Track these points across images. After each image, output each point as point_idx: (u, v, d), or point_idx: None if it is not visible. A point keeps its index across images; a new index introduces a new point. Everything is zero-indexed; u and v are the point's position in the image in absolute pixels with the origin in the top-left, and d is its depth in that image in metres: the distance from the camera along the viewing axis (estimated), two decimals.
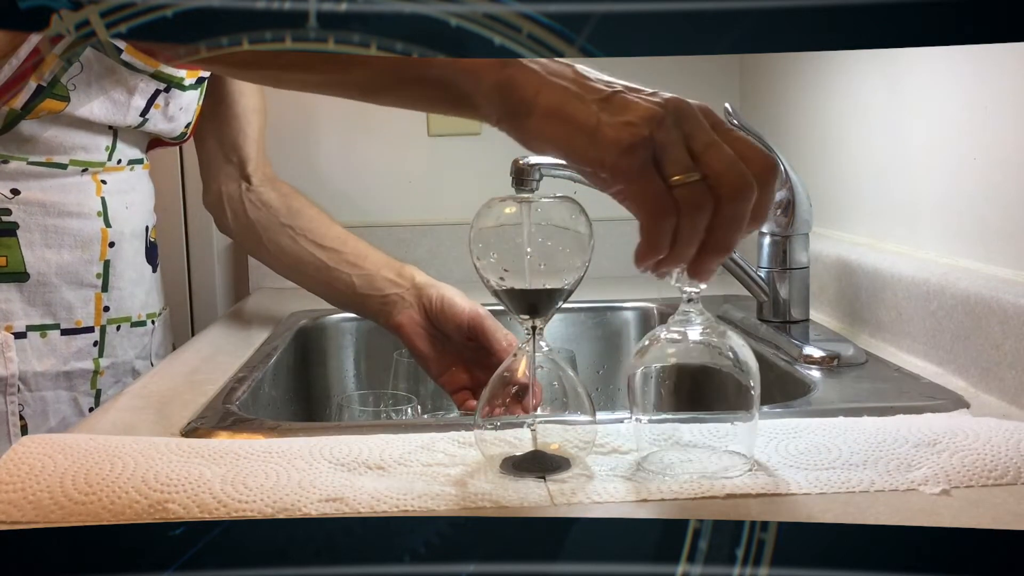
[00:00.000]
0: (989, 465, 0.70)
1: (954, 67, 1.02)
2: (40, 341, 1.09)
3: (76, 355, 1.11)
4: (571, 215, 0.73)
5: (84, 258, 1.11)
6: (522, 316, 0.74)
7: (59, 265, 1.09)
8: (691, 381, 0.71)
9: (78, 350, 1.12)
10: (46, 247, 1.09)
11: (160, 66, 1.10)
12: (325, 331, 1.36)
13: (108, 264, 1.14)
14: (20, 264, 1.07)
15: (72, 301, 1.11)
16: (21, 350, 1.08)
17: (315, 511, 0.66)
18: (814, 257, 1.20)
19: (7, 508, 0.66)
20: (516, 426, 0.72)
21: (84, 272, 1.12)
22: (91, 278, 1.12)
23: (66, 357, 1.11)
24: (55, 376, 1.10)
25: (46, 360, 1.09)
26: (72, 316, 1.11)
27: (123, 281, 1.16)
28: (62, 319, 1.10)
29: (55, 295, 1.09)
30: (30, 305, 1.08)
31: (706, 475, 0.70)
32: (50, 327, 1.09)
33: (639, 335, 1.39)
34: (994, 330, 0.90)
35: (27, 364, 1.08)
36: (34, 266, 1.08)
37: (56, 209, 1.09)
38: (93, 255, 1.12)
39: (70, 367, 1.11)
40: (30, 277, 1.08)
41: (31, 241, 1.08)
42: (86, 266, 1.12)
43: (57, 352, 1.10)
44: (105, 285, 1.14)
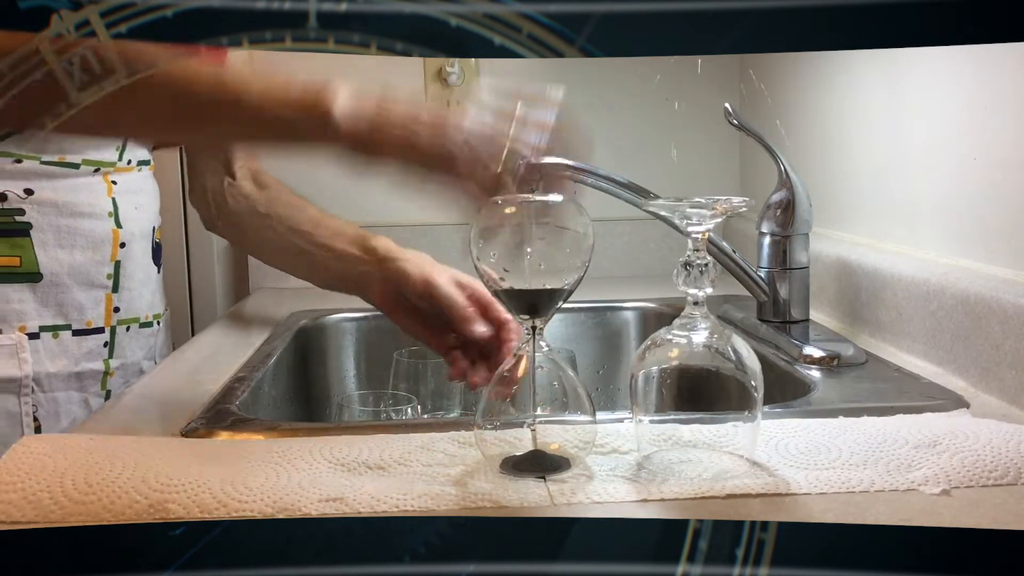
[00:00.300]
0: (989, 465, 0.70)
1: (954, 67, 1.02)
2: (53, 342, 1.09)
3: (87, 356, 1.12)
4: (571, 215, 0.73)
5: (96, 259, 1.12)
6: (522, 316, 0.74)
7: (71, 266, 1.09)
8: (694, 383, 0.71)
9: (89, 351, 1.12)
10: (59, 247, 1.09)
11: None
12: (325, 331, 1.36)
13: (119, 265, 1.14)
14: (34, 264, 1.07)
15: (83, 302, 1.11)
16: (34, 351, 1.08)
17: (315, 511, 0.66)
18: (814, 257, 1.20)
19: (7, 508, 0.66)
20: (516, 426, 0.72)
21: (95, 273, 1.12)
22: (102, 279, 1.12)
23: (77, 358, 1.11)
24: (67, 377, 1.10)
25: (58, 361, 1.09)
26: (83, 317, 1.11)
27: (132, 282, 1.16)
28: (73, 320, 1.10)
29: (67, 296, 1.10)
30: (43, 306, 1.08)
31: (706, 475, 0.70)
32: (62, 328, 1.10)
33: (639, 335, 1.39)
34: (994, 330, 0.90)
35: (40, 365, 1.08)
36: (47, 266, 1.08)
37: (69, 209, 1.09)
38: (104, 256, 1.12)
39: (81, 368, 1.11)
40: (43, 277, 1.08)
41: (44, 241, 1.08)
42: (97, 267, 1.12)
43: (69, 353, 1.10)
44: (115, 286, 1.14)
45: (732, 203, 0.70)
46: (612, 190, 1.04)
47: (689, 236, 0.71)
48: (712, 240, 1.07)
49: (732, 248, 1.12)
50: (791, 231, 1.13)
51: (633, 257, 1.74)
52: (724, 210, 0.70)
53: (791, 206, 1.12)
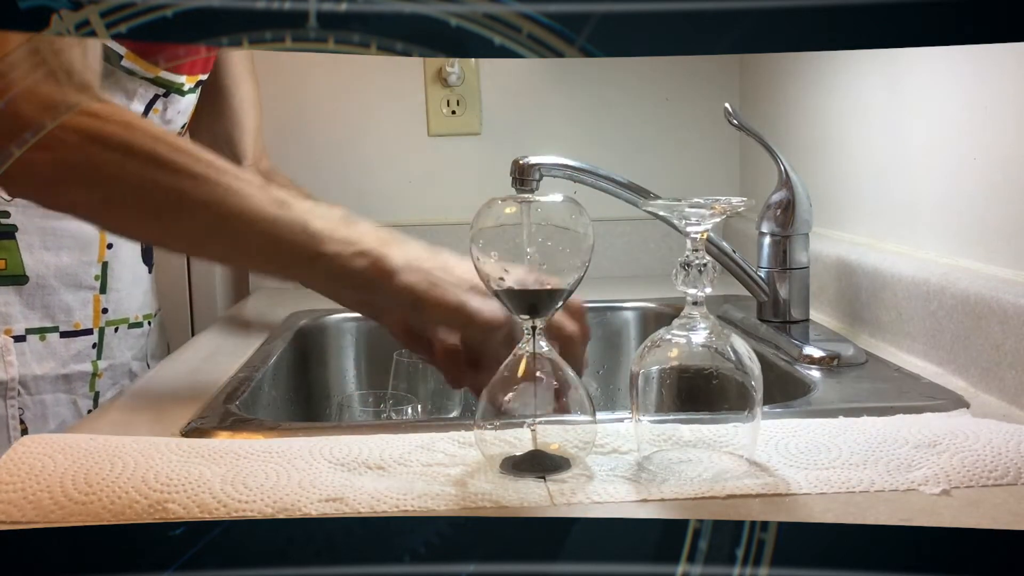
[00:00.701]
0: (989, 465, 0.70)
1: (954, 67, 1.02)
2: (39, 344, 1.09)
3: (75, 357, 1.11)
4: (571, 215, 0.73)
5: (83, 260, 1.11)
6: (522, 316, 0.74)
7: (58, 267, 1.09)
8: (694, 383, 0.71)
9: (77, 352, 1.12)
10: (45, 249, 1.09)
11: (160, 72, 1.10)
12: (325, 331, 1.36)
13: (106, 266, 1.14)
14: (19, 267, 1.07)
15: (71, 303, 1.11)
16: (20, 353, 1.08)
17: (315, 511, 0.66)
18: (814, 257, 1.20)
19: (7, 508, 0.66)
20: (516, 426, 0.72)
21: (83, 274, 1.12)
22: (90, 280, 1.12)
23: (65, 360, 1.11)
24: (54, 379, 1.10)
25: (45, 363, 1.09)
26: (71, 318, 1.11)
27: (121, 283, 1.16)
28: (61, 322, 1.10)
29: (54, 297, 1.09)
30: (29, 308, 1.08)
31: (706, 475, 0.70)
32: (49, 330, 1.09)
33: (639, 335, 1.39)
34: (994, 330, 0.90)
35: (27, 367, 1.08)
36: (33, 269, 1.08)
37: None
38: (91, 257, 1.12)
39: (69, 370, 1.11)
40: (29, 280, 1.08)
41: (30, 244, 1.08)
42: (85, 268, 1.12)
43: (56, 355, 1.10)
44: (103, 287, 1.14)
45: (731, 203, 0.70)
46: (612, 190, 1.04)
47: (688, 236, 0.71)
48: (712, 240, 1.07)
49: (732, 248, 1.12)
50: (791, 231, 1.13)
51: (633, 257, 1.74)
52: (723, 210, 0.70)
53: (791, 206, 1.12)
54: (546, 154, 0.89)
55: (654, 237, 1.72)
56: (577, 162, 1.00)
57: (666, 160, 1.75)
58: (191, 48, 1.13)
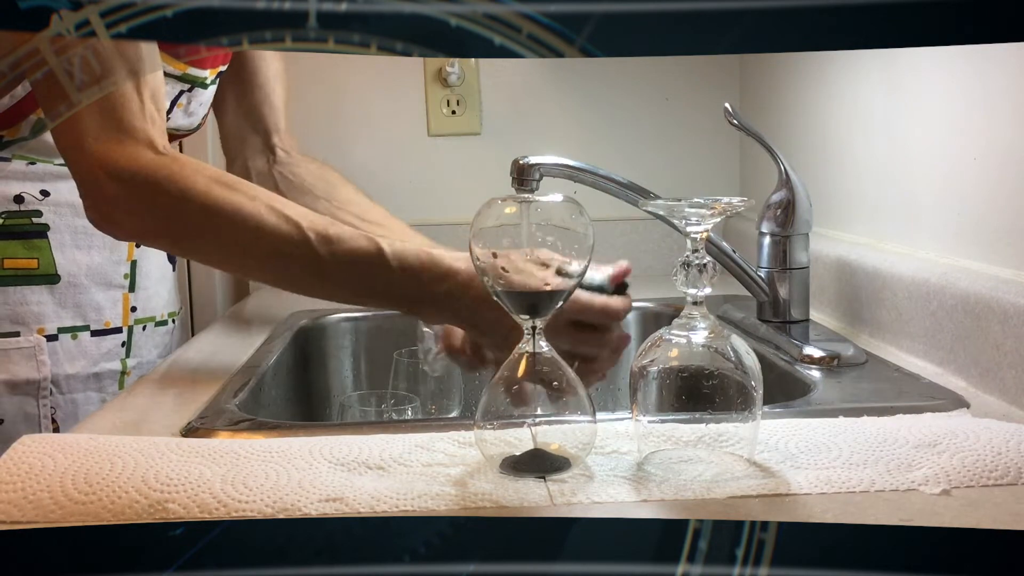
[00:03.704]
0: (989, 465, 0.70)
1: (954, 67, 1.02)
2: (71, 343, 1.09)
3: (105, 356, 1.12)
4: (571, 215, 0.73)
5: (112, 259, 1.12)
6: (522, 316, 0.74)
7: (89, 266, 1.09)
8: (694, 383, 0.71)
9: (107, 351, 1.12)
10: (76, 248, 1.09)
11: (188, 69, 1.10)
12: (325, 331, 1.36)
13: (135, 264, 1.14)
14: (51, 266, 1.07)
15: (101, 302, 1.11)
16: (52, 353, 1.08)
17: (315, 511, 0.66)
18: (814, 257, 1.20)
19: (7, 508, 0.66)
20: (516, 426, 0.72)
21: (112, 273, 1.12)
22: (119, 279, 1.12)
23: (96, 358, 1.11)
24: (85, 378, 1.10)
25: (77, 362, 1.09)
26: (101, 317, 1.11)
27: (149, 281, 1.16)
28: (92, 320, 1.10)
29: (85, 296, 1.09)
30: (61, 307, 1.08)
31: (706, 475, 0.70)
32: (80, 328, 1.09)
33: (639, 335, 1.39)
34: (994, 330, 0.90)
35: (59, 367, 1.08)
36: (65, 268, 1.08)
37: None
38: (121, 255, 1.12)
39: (99, 368, 1.11)
40: (61, 279, 1.08)
41: (62, 243, 1.08)
42: (114, 267, 1.12)
43: (87, 354, 1.10)
44: (132, 285, 1.14)
45: (731, 203, 0.70)
46: (612, 190, 1.04)
47: (688, 236, 0.71)
48: (712, 240, 1.07)
49: (732, 248, 1.12)
50: (791, 231, 1.13)
51: (633, 257, 1.73)
52: (723, 210, 0.70)
53: (791, 206, 1.12)
54: (546, 154, 0.89)
55: (654, 237, 1.72)
56: (577, 162, 1.00)
57: (666, 160, 1.75)
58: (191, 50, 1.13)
